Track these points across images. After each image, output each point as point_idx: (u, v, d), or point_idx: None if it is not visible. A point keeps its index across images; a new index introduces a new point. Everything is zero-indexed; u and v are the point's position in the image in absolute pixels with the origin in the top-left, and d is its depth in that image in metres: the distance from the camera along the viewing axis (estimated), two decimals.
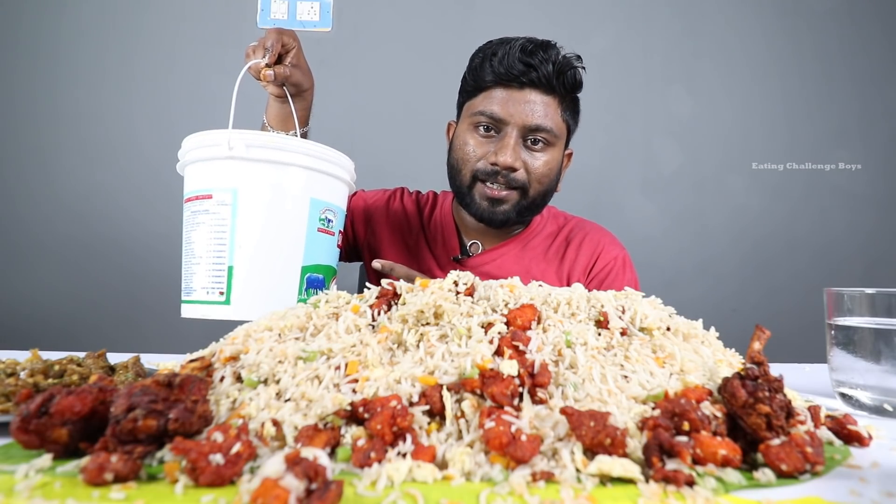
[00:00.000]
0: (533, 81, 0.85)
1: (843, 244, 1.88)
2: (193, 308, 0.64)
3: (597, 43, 1.87)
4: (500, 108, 0.86)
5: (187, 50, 1.83)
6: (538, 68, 0.84)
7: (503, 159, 0.85)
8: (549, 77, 0.85)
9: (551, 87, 0.86)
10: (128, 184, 1.80)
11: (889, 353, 0.49)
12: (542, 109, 0.85)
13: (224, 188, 0.62)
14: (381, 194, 1.07)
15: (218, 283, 0.62)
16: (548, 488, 0.31)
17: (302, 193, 0.65)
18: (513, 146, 0.85)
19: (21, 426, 0.34)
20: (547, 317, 0.46)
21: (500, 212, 0.90)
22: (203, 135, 0.63)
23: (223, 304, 0.62)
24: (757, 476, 0.33)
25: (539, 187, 0.89)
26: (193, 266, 0.64)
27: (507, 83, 0.86)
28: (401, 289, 0.50)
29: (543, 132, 0.86)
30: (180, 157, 0.67)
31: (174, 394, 0.34)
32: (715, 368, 0.42)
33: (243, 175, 0.62)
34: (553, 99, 0.87)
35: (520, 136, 0.86)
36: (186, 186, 0.66)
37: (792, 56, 1.91)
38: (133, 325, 1.76)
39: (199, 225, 0.63)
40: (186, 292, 0.64)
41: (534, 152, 0.87)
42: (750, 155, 1.89)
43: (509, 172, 0.86)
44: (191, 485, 0.30)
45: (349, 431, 0.35)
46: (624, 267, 0.97)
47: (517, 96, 0.85)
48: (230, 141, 0.61)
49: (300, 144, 0.65)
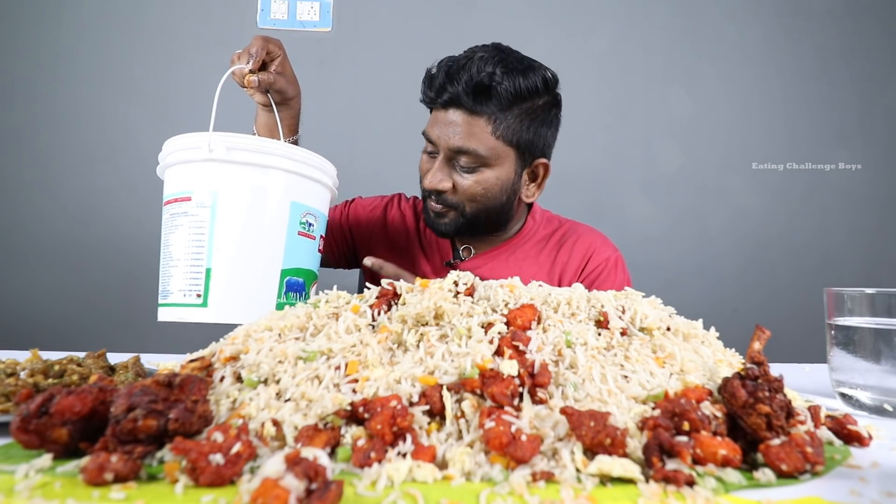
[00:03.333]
0: (456, 102, 0.82)
1: (843, 244, 1.88)
2: (170, 311, 0.63)
3: (597, 43, 1.87)
4: (431, 131, 0.86)
5: (187, 50, 1.83)
6: (453, 91, 0.82)
7: (426, 182, 0.86)
8: (467, 97, 0.81)
9: (474, 107, 0.81)
10: (127, 184, 1.79)
11: (889, 353, 0.49)
12: (466, 129, 0.82)
13: (203, 190, 0.62)
14: (378, 200, 1.08)
15: (195, 285, 0.61)
16: (548, 488, 0.31)
17: (282, 196, 0.65)
18: (436, 169, 0.85)
19: (21, 426, 0.34)
20: (547, 317, 0.46)
21: (442, 223, 0.91)
22: (183, 137, 0.63)
23: (200, 306, 0.61)
24: (757, 476, 0.33)
25: (475, 206, 0.88)
26: (171, 269, 0.63)
27: (440, 105, 0.85)
28: (401, 289, 0.50)
29: (465, 154, 0.83)
30: (160, 160, 0.67)
31: (174, 394, 0.34)
32: (715, 368, 0.42)
33: (223, 177, 0.62)
34: (480, 118, 0.82)
35: (447, 158, 0.85)
36: (166, 189, 0.66)
37: (792, 56, 1.91)
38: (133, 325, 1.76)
39: (177, 227, 0.63)
40: (163, 295, 0.64)
41: (465, 173, 0.86)
42: (750, 155, 1.89)
43: (439, 194, 0.87)
44: (191, 485, 0.30)
45: (349, 431, 0.35)
46: (616, 268, 0.96)
47: (442, 118, 0.84)
48: (210, 143, 0.60)
49: (281, 148, 0.64)
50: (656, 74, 1.89)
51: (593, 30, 1.89)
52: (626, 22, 1.90)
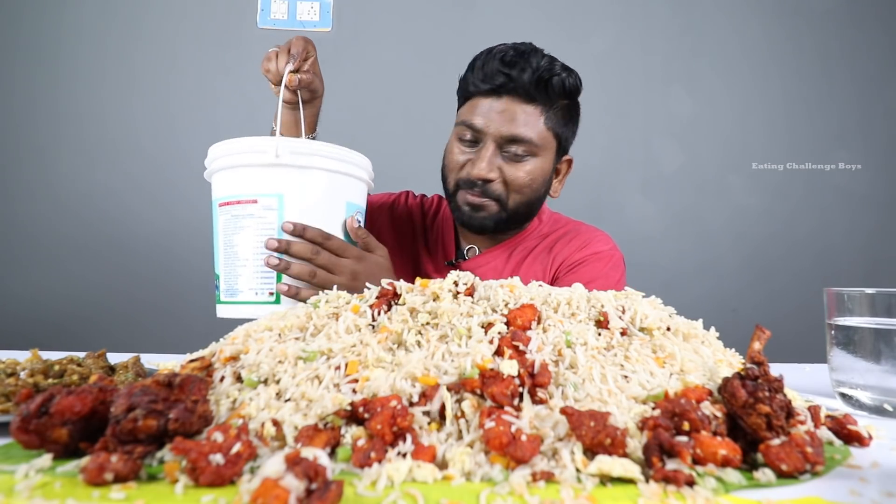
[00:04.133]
0: (511, 90, 0.84)
1: (843, 244, 1.88)
2: (238, 308, 0.66)
3: (597, 43, 1.87)
4: (478, 119, 0.86)
5: (187, 50, 1.83)
6: (516, 77, 0.84)
7: (476, 171, 0.86)
8: (527, 86, 0.83)
9: (531, 96, 0.84)
10: (127, 184, 1.80)
11: (889, 353, 0.49)
12: (522, 118, 0.84)
13: (269, 193, 0.65)
14: (385, 197, 1.08)
15: (267, 283, 0.65)
16: (548, 488, 0.31)
17: (339, 197, 0.70)
18: (488, 157, 0.85)
19: (21, 426, 0.34)
20: (547, 317, 0.46)
21: (479, 217, 0.90)
22: (242, 141, 0.66)
23: (274, 303, 0.65)
24: (757, 476, 0.33)
25: (519, 198, 0.89)
26: (238, 268, 0.66)
27: (488, 93, 0.86)
28: (401, 289, 0.50)
29: (521, 142, 0.85)
30: (208, 164, 0.69)
31: (174, 394, 0.34)
32: (715, 368, 0.42)
33: (289, 181, 0.65)
34: (535, 108, 0.85)
35: (497, 146, 0.86)
36: (223, 191, 0.68)
37: (792, 56, 1.91)
38: (133, 325, 1.76)
39: (242, 228, 0.65)
40: (230, 293, 0.66)
41: (513, 163, 0.87)
42: (750, 155, 1.89)
43: (485, 183, 0.87)
44: (191, 485, 0.30)
45: (349, 431, 0.35)
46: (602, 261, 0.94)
47: (496, 106, 0.85)
48: (277, 148, 0.64)
49: (336, 151, 0.68)
50: (656, 74, 1.89)
51: (593, 30, 1.89)
52: (626, 22, 1.90)
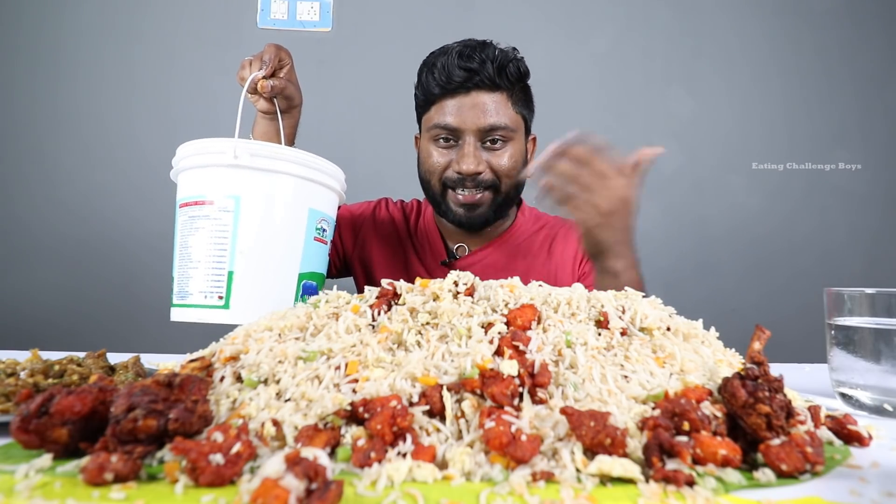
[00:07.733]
0: (478, 83, 0.86)
1: (843, 244, 1.88)
2: (188, 312, 0.64)
3: (597, 43, 1.87)
4: (452, 118, 0.87)
5: (187, 50, 1.82)
6: (479, 70, 0.86)
7: (465, 167, 0.87)
8: (492, 75, 0.86)
9: (496, 85, 0.87)
10: (127, 184, 1.79)
11: (889, 353, 0.49)
12: (493, 107, 0.87)
13: (227, 195, 0.63)
14: (365, 206, 1.08)
15: (217, 287, 0.62)
16: (548, 488, 0.31)
17: (301, 203, 0.67)
18: (472, 153, 0.87)
19: (21, 426, 0.34)
20: (547, 317, 0.46)
21: (478, 215, 0.92)
22: (202, 142, 0.64)
23: (222, 308, 0.62)
24: (757, 476, 0.33)
25: (509, 181, 0.92)
26: (190, 270, 0.64)
27: (454, 91, 0.87)
28: (401, 289, 0.50)
29: (499, 130, 0.88)
30: (175, 164, 0.68)
31: (174, 394, 0.34)
32: (715, 368, 0.42)
33: (247, 183, 0.64)
34: (500, 95, 0.88)
35: (477, 140, 0.88)
36: (183, 191, 0.67)
37: (792, 56, 1.90)
38: (133, 325, 1.76)
39: (197, 230, 0.64)
40: (181, 296, 0.65)
41: (495, 151, 0.89)
42: (750, 155, 1.89)
43: (475, 177, 0.89)
44: (191, 485, 0.30)
45: (349, 431, 0.35)
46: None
47: (465, 101, 0.87)
48: (236, 149, 0.62)
49: (301, 156, 0.66)
50: (656, 75, 1.89)
51: (593, 30, 1.88)
52: (625, 22, 1.90)
